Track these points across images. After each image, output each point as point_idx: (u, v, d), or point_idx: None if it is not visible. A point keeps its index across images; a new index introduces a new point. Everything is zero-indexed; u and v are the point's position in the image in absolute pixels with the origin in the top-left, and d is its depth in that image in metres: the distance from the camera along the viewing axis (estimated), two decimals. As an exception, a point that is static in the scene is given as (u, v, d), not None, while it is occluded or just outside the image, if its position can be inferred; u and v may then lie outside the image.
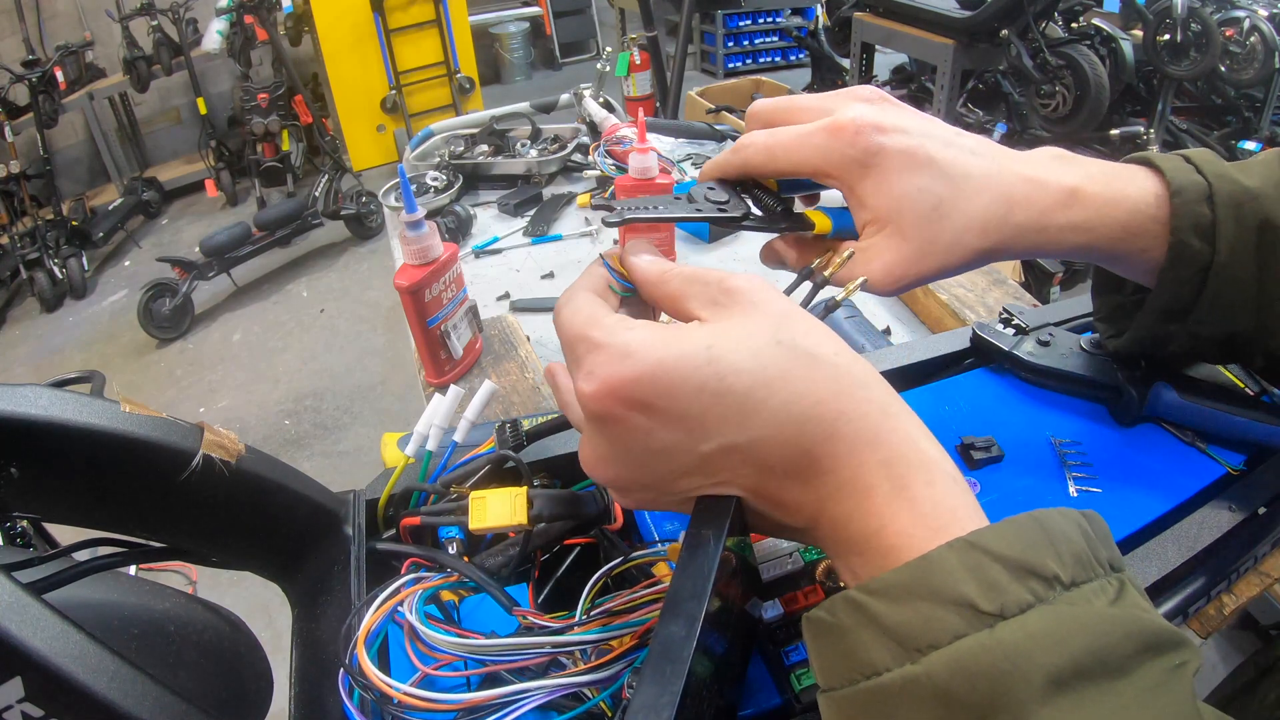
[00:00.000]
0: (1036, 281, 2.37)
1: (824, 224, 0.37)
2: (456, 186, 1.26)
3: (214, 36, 3.70)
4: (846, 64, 3.46)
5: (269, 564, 0.41)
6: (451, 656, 0.32)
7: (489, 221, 1.24)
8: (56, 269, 3.34)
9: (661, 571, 0.37)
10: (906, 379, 0.52)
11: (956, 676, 0.21)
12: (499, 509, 0.37)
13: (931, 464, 0.26)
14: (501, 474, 0.43)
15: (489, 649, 0.32)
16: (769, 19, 5.31)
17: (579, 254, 1.13)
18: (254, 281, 3.38)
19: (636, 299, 0.33)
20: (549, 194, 1.28)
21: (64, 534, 0.59)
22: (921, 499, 0.25)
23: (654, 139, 1.23)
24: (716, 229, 1.11)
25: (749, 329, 0.27)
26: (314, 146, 4.01)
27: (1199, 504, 0.43)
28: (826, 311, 0.36)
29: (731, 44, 5.36)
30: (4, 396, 0.30)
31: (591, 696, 0.31)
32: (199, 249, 3.05)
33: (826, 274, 0.36)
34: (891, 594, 0.23)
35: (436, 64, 4.15)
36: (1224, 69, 2.71)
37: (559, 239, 1.16)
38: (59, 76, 3.55)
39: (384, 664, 0.36)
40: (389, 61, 3.98)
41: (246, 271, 3.33)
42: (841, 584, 0.37)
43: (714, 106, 2.56)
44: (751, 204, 0.36)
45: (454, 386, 0.43)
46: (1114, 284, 0.45)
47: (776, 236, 0.40)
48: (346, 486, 0.44)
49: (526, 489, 0.38)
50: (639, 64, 1.97)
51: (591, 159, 1.27)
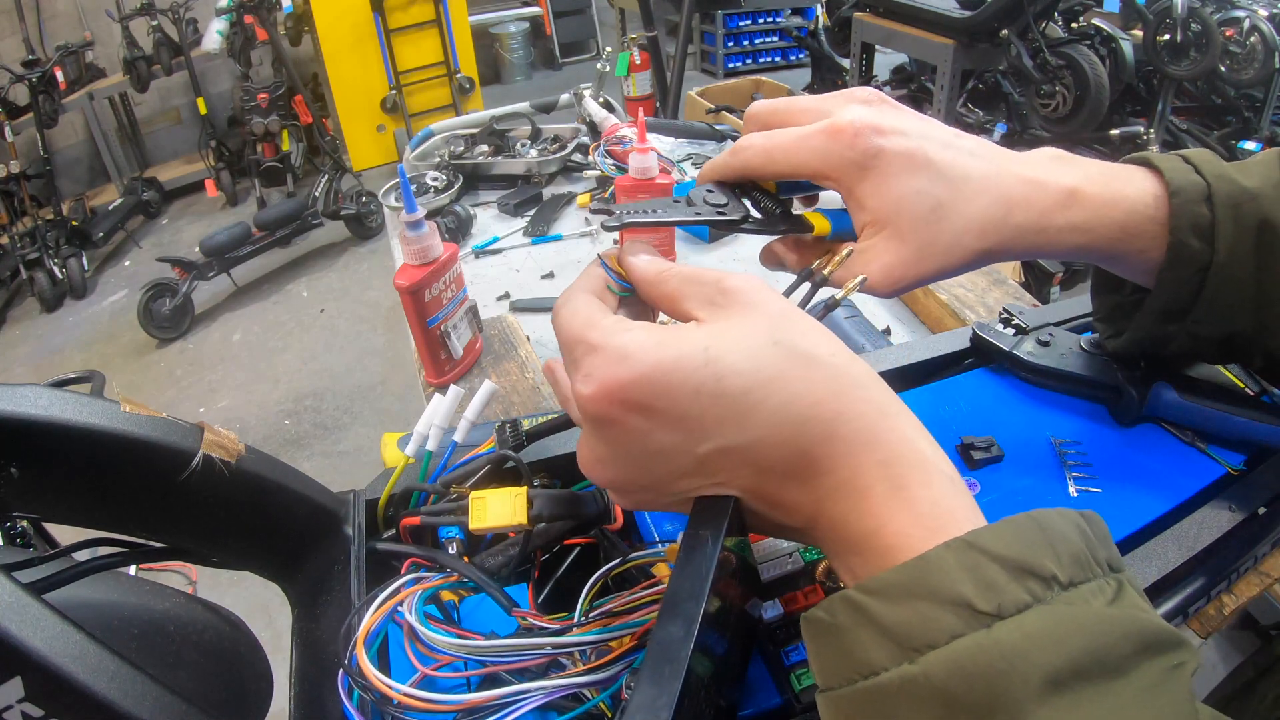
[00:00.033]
0: (1036, 281, 2.37)
1: (823, 226, 0.37)
2: (456, 186, 1.26)
3: (214, 36, 3.71)
4: (846, 64, 3.46)
5: (269, 564, 0.41)
6: (451, 657, 0.32)
7: (489, 221, 1.24)
8: (56, 269, 3.34)
9: (661, 572, 0.37)
10: (906, 379, 0.52)
11: (954, 676, 0.21)
12: (499, 509, 0.37)
13: (929, 464, 0.26)
14: (501, 474, 0.43)
15: (489, 650, 0.32)
16: (769, 19, 5.31)
17: (579, 254, 1.13)
18: (254, 281, 3.38)
19: (635, 299, 0.33)
20: (549, 194, 1.28)
21: (64, 534, 0.59)
22: (919, 499, 0.25)
23: (654, 139, 1.24)
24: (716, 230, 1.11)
25: (746, 330, 0.27)
26: (314, 146, 4.01)
27: (1199, 504, 0.43)
28: (826, 311, 0.36)
29: (731, 44, 5.36)
30: (4, 396, 0.30)
31: (591, 697, 0.31)
32: (199, 249, 3.05)
33: (826, 273, 0.36)
34: (889, 594, 0.23)
35: (436, 64, 4.15)
36: (1224, 69, 2.71)
37: (559, 239, 1.16)
38: (59, 76, 3.55)
39: (384, 664, 0.36)
40: (389, 61, 3.98)
41: (246, 271, 3.33)
42: (841, 584, 0.37)
43: (714, 106, 2.56)
44: (750, 206, 0.36)
45: (454, 386, 0.43)
46: (1113, 284, 0.45)
47: (775, 239, 0.40)
48: (346, 486, 0.44)
49: (526, 489, 0.38)
50: (639, 64, 1.97)
51: (591, 159, 1.27)
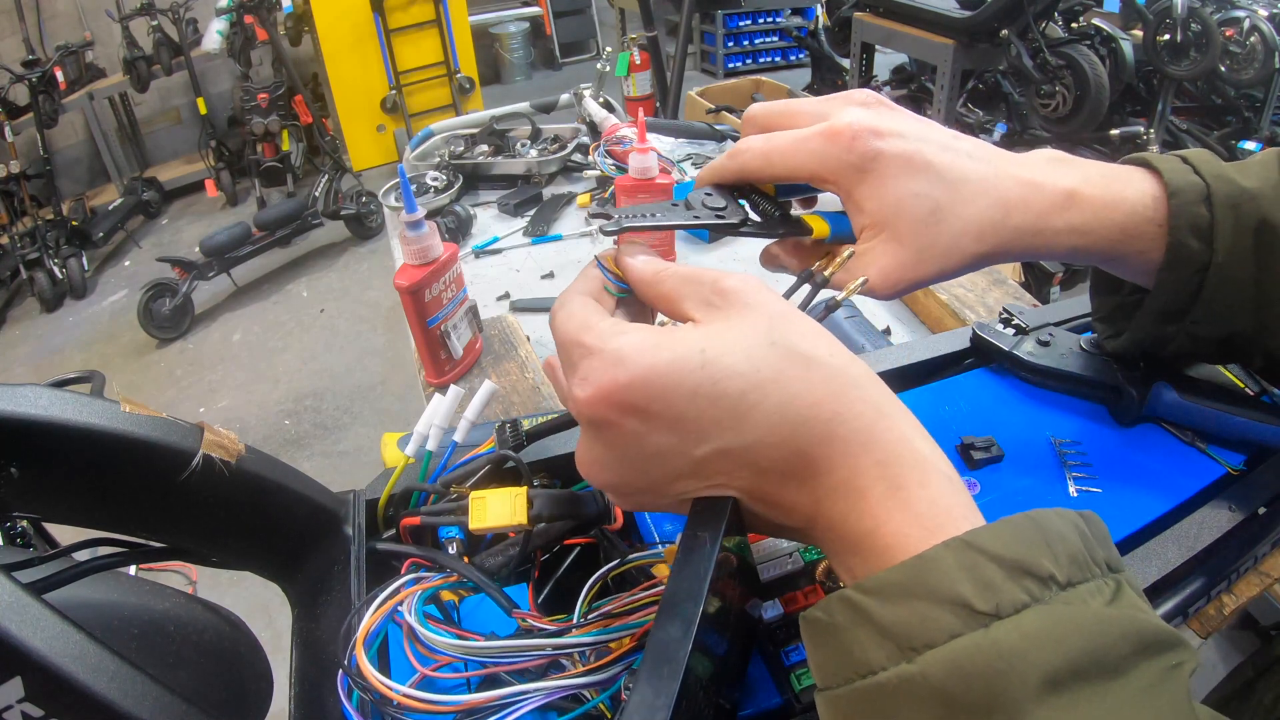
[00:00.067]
0: (1036, 281, 2.37)
1: (821, 229, 0.37)
2: (456, 186, 1.26)
3: (214, 36, 3.71)
4: (846, 64, 3.46)
5: (269, 564, 0.41)
6: (451, 657, 0.32)
7: (489, 221, 1.24)
8: (56, 269, 3.34)
9: (661, 573, 0.37)
10: (906, 379, 0.52)
11: (952, 676, 0.21)
12: (499, 509, 0.37)
13: (927, 464, 0.26)
14: (501, 474, 0.43)
15: (488, 650, 0.32)
16: (769, 19, 5.31)
17: (579, 254, 1.13)
18: (254, 281, 3.38)
19: (633, 300, 0.33)
20: (549, 194, 1.28)
21: (64, 534, 0.59)
22: (917, 499, 0.25)
23: (654, 139, 1.24)
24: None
25: (743, 330, 0.27)
26: (314, 146, 4.01)
27: (1199, 504, 0.43)
28: (826, 312, 0.36)
29: (731, 44, 5.36)
30: (4, 396, 0.30)
31: (591, 698, 0.31)
32: (199, 249, 3.05)
33: (826, 275, 0.36)
34: (887, 593, 0.23)
35: (436, 64, 4.15)
36: (1224, 69, 2.71)
37: (559, 239, 1.16)
38: (59, 76, 3.55)
39: (384, 664, 0.36)
40: (389, 61, 3.98)
41: (246, 271, 3.33)
42: (840, 584, 0.37)
43: (714, 106, 2.56)
44: (749, 209, 0.36)
45: (454, 386, 0.43)
46: (1112, 284, 0.45)
47: (774, 241, 0.40)
48: (346, 486, 0.44)
49: (526, 489, 0.38)
50: (639, 64, 1.98)
51: (591, 159, 1.27)
